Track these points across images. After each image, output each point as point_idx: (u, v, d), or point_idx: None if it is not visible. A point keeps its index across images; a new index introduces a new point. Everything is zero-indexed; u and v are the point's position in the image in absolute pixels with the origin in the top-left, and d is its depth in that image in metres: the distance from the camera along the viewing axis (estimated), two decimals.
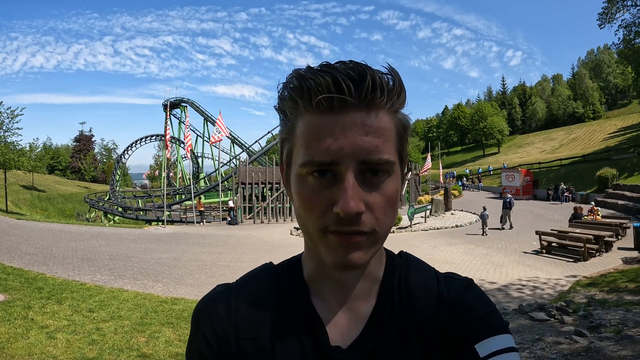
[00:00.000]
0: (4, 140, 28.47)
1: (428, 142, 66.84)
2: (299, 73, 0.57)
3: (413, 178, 33.11)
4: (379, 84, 0.56)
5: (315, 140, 0.57)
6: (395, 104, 0.59)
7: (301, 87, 0.57)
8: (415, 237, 17.07)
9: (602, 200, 23.61)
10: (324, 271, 0.69)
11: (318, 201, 0.58)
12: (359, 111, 0.56)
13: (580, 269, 10.83)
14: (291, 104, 0.60)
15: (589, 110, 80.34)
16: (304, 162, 0.57)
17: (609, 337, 4.64)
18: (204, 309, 0.72)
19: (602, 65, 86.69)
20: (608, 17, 32.25)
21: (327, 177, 0.57)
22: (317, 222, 0.58)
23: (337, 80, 0.54)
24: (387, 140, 0.58)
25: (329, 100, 0.55)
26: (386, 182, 0.59)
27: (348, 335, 0.67)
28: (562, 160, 40.17)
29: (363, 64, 0.57)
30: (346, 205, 0.54)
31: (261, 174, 24.37)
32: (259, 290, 0.72)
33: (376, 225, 0.58)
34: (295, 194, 0.61)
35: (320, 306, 0.69)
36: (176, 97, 56.37)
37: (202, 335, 0.70)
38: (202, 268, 10.73)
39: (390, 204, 0.59)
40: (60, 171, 72.67)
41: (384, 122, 0.58)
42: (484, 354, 0.63)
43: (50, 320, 5.94)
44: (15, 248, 11.72)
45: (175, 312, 6.77)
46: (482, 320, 0.66)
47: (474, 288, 0.71)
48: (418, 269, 0.74)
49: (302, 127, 0.59)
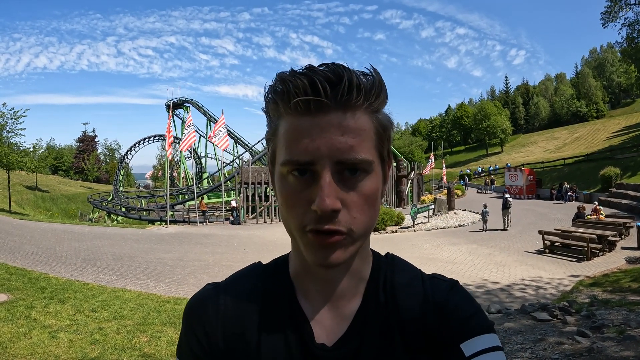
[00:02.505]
0: (7, 141, 28.53)
1: (431, 141, 66.70)
2: (280, 76, 0.59)
3: (416, 177, 33.08)
4: (356, 85, 0.57)
5: (294, 141, 0.59)
6: (373, 104, 0.61)
7: (282, 90, 0.59)
8: (418, 236, 17.05)
9: (606, 200, 23.57)
10: (308, 269, 0.70)
11: (298, 200, 0.59)
12: (335, 112, 0.58)
13: (584, 268, 10.80)
14: (273, 106, 0.62)
15: (592, 109, 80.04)
16: (284, 162, 0.59)
17: (612, 338, 4.63)
18: (194, 306, 0.74)
19: (605, 64, 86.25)
20: (611, 15, 32.17)
21: (306, 177, 0.59)
22: (297, 221, 0.60)
23: (313, 82, 0.56)
24: (364, 140, 0.59)
25: (305, 102, 0.57)
26: (364, 181, 0.60)
27: (333, 334, 0.68)
28: (565, 160, 40.13)
29: (342, 66, 0.58)
30: (322, 202, 0.55)
31: (264, 174, 24.36)
32: (247, 288, 0.74)
33: (353, 224, 0.59)
34: (278, 192, 0.63)
35: (306, 304, 0.71)
36: (179, 97, 56.42)
37: (192, 333, 0.72)
38: (205, 268, 10.74)
39: (369, 203, 0.61)
40: (64, 171, 72.95)
41: (361, 122, 0.59)
42: (469, 353, 0.64)
43: (53, 320, 5.97)
44: (19, 248, 11.77)
45: (178, 312, 6.77)
46: (467, 321, 0.67)
47: (459, 289, 0.72)
48: (403, 270, 0.75)
49: (283, 128, 0.61)
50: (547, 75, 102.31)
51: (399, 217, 19.39)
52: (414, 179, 32.22)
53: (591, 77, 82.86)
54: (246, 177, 24.20)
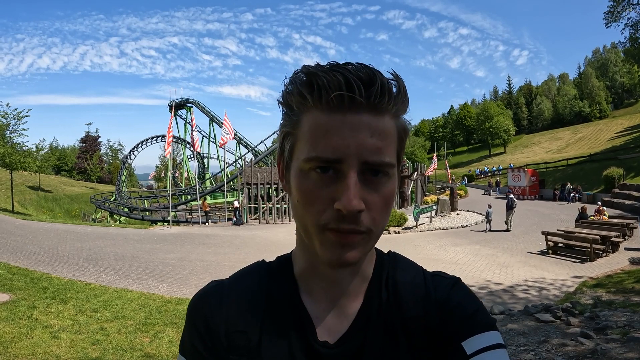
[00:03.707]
0: (10, 141, 28.63)
1: (434, 142, 66.76)
2: (308, 69, 0.58)
3: (419, 178, 33.04)
4: (387, 89, 0.58)
5: (322, 137, 0.58)
6: (399, 110, 0.62)
7: (311, 83, 0.58)
8: (420, 237, 17.02)
9: (609, 200, 23.49)
10: (315, 268, 0.70)
11: (319, 197, 0.59)
12: (366, 113, 0.58)
13: (587, 269, 10.76)
14: (299, 99, 0.60)
15: (595, 110, 79.75)
16: (309, 158, 0.58)
17: (616, 339, 4.59)
18: (197, 303, 0.74)
19: (608, 64, 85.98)
20: (614, 15, 32.15)
21: (329, 174, 0.58)
22: (315, 218, 0.59)
23: (348, 80, 0.56)
24: (389, 143, 0.60)
25: (339, 98, 0.56)
26: (385, 184, 0.60)
27: (336, 331, 0.69)
28: (568, 160, 39.98)
29: (372, 67, 0.59)
30: (349, 202, 0.55)
31: (267, 175, 24.39)
32: (250, 286, 0.74)
33: (372, 224, 0.59)
34: (295, 188, 0.62)
35: (309, 303, 0.71)
36: (182, 98, 56.50)
37: (194, 329, 0.72)
38: (207, 268, 10.74)
39: (387, 205, 0.61)
40: (67, 172, 73.14)
41: (388, 125, 0.60)
42: (471, 350, 0.63)
43: (55, 320, 5.98)
44: (21, 248, 11.79)
45: (180, 313, 6.77)
46: (469, 318, 0.67)
47: (461, 286, 0.72)
48: (406, 268, 0.75)
49: (309, 122, 0.60)
50: (550, 76, 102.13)
51: (401, 217, 19.36)
52: (416, 179, 32.19)
53: (594, 77, 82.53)
54: (249, 177, 24.22)
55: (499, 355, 0.63)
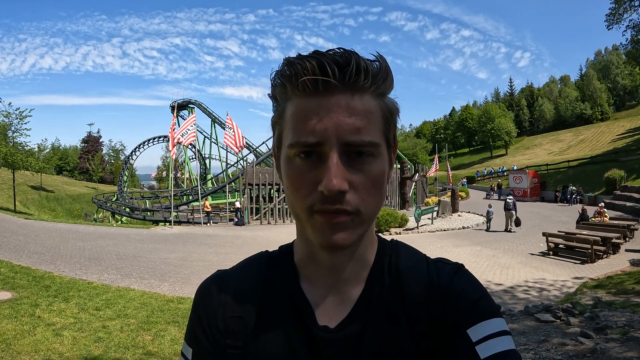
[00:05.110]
0: (12, 141, 28.68)
1: (435, 143, 66.52)
2: (288, 60, 0.60)
3: (420, 180, 33.01)
4: (363, 68, 0.58)
5: (301, 122, 0.59)
6: (380, 87, 0.61)
7: (289, 72, 0.59)
8: (422, 238, 17.00)
9: (610, 202, 23.44)
10: (314, 255, 0.70)
11: (304, 182, 0.60)
12: (343, 94, 0.58)
13: (587, 270, 10.76)
14: (280, 89, 0.62)
15: (597, 112, 79.72)
16: (292, 144, 0.59)
17: (615, 339, 4.61)
18: (201, 290, 0.77)
19: (610, 66, 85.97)
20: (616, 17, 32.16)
21: (312, 158, 0.59)
22: (303, 202, 0.60)
23: (322, 64, 0.56)
24: (371, 122, 0.60)
25: (313, 82, 0.57)
26: (371, 164, 0.60)
27: (336, 316, 0.68)
28: (570, 162, 39.95)
29: (350, 51, 0.59)
30: (329, 182, 0.56)
31: (268, 175, 24.37)
32: (251, 273, 0.75)
33: (361, 205, 0.59)
34: (284, 175, 0.63)
35: (309, 289, 0.71)
36: (183, 99, 56.66)
37: (196, 315, 0.75)
38: (209, 268, 10.74)
39: (376, 185, 0.61)
40: (69, 172, 73.12)
41: (368, 105, 0.59)
42: (477, 338, 0.63)
43: (57, 317, 6.00)
44: (23, 247, 11.82)
45: (181, 311, 6.80)
46: (473, 305, 0.66)
47: (464, 273, 0.72)
48: (408, 254, 0.75)
49: (290, 110, 0.61)
50: (552, 78, 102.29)
51: (402, 218, 19.34)
52: (418, 181, 32.17)
53: (596, 79, 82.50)
54: (250, 178, 24.21)
55: (504, 342, 0.63)
